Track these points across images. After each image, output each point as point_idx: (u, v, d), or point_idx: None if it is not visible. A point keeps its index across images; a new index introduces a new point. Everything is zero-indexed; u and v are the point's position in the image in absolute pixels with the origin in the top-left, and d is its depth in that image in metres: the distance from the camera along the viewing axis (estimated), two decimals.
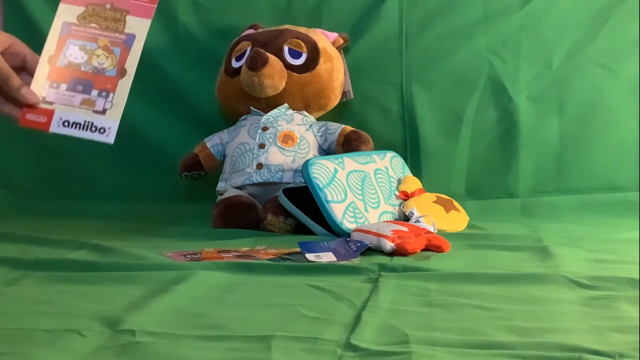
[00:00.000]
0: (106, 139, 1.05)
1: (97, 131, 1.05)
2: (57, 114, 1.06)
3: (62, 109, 1.06)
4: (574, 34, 2.15)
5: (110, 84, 1.06)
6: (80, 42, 1.08)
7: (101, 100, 1.06)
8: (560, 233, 1.79)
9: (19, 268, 1.35)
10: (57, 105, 1.06)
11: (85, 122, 1.05)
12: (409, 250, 1.50)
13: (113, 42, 1.08)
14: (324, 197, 1.73)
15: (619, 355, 0.88)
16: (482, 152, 2.16)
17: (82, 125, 1.05)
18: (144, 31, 1.09)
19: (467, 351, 0.91)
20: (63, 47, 1.08)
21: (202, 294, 1.19)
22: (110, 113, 1.05)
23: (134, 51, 1.08)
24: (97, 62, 1.07)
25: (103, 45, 1.07)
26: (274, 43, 2.02)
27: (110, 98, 1.06)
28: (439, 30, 2.17)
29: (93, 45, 1.08)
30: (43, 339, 0.94)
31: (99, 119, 1.05)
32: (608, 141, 2.15)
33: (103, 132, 1.05)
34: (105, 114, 1.05)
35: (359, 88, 2.14)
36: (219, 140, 2.05)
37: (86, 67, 1.07)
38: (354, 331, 0.98)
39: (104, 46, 1.07)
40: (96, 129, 1.05)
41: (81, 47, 1.08)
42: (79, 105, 1.06)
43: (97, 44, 1.07)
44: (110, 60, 1.07)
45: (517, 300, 1.16)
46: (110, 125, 1.05)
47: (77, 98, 1.06)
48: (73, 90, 1.06)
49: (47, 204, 2.18)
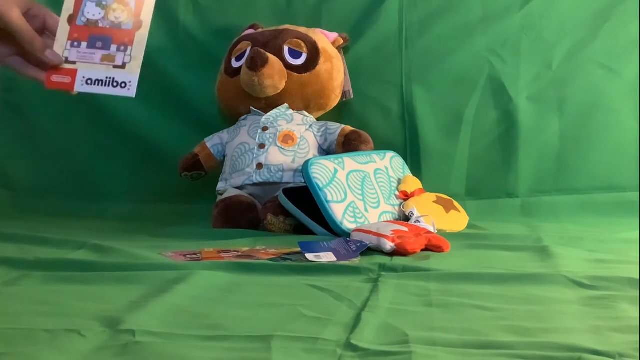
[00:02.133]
0: (128, 93, 1.07)
1: (119, 86, 1.07)
2: (80, 73, 1.07)
3: (84, 67, 1.07)
4: (574, 34, 2.15)
5: (128, 37, 1.08)
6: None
7: (120, 55, 1.07)
8: (560, 233, 1.79)
9: (19, 268, 1.35)
10: (79, 64, 1.08)
11: (107, 78, 1.07)
12: (409, 250, 1.50)
13: None
14: (324, 197, 1.73)
15: (619, 355, 0.88)
16: (482, 152, 2.15)
17: (104, 82, 1.07)
18: None
19: (467, 351, 0.91)
20: (81, 5, 1.09)
21: (202, 294, 1.19)
22: (130, 66, 1.07)
23: (149, 1, 1.08)
24: (114, 16, 1.08)
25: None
26: (274, 43, 2.02)
27: (129, 51, 1.07)
28: (439, 30, 2.17)
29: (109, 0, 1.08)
30: (43, 339, 0.94)
31: (119, 74, 1.07)
32: (608, 141, 2.15)
33: (124, 87, 1.07)
34: (125, 67, 1.07)
35: (359, 88, 2.14)
36: (219, 140, 2.05)
37: (104, 23, 1.08)
38: (354, 331, 0.98)
39: None
40: (117, 84, 1.06)
41: (97, 3, 1.09)
42: (100, 61, 1.07)
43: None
44: (126, 14, 1.08)
45: (517, 300, 1.16)
46: (130, 79, 1.07)
47: (97, 55, 1.07)
48: (93, 47, 1.08)
49: (47, 204, 2.18)
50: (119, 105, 2.20)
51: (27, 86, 2.24)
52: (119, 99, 2.17)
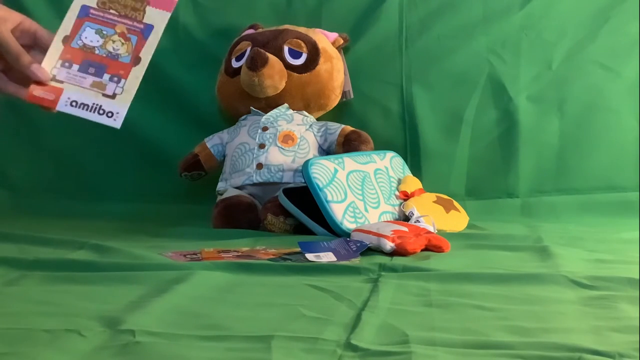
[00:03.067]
0: (113, 123, 1.05)
1: (105, 114, 1.05)
2: (66, 93, 1.05)
3: (71, 89, 1.05)
4: (574, 34, 2.15)
5: (124, 70, 1.06)
6: (97, 26, 1.07)
7: (112, 85, 1.06)
8: (560, 233, 1.79)
9: (19, 268, 1.35)
10: (66, 85, 1.06)
11: (93, 104, 1.05)
12: (409, 250, 1.50)
13: (130, 29, 1.07)
14: (324, 197, 1.73)
15: (619, 355, 0.88)
16: (482, 152, 2.15)
17: (90, 107, 1.05)
18: (163, 23, 1.08)
19: (467, 351, 0.91)
20: (79, 29, 1.07)
21: (202, 294, 1.19)
22: (120, 98, 1.05)
23: (151, 42, 1.07)
24: (113, 47, 1.07)
25: (120, 32, 1.07)
26: (274, 43, 2.02)
27: (122, 84, 1.06)
28: (439, 30, 2.17)
29: (110, 30, 1.08)
30: (43, 339, 0.94)
31: (108, 103, 1.05)
32: (608, 141, 2.15)
33: (111, 116, 1.05)
34: (115, 98, 1.05)
35: (359, 88, 2.14)
36: (219, 140, 2.05)
37: (100, 51, 1.07)
38: (354, 331, 0.98)
39: (121, 33, 1.07)
40: (104, 112, 1.05)
41: (97, 31, 1.07)
42: (89, 86, 1.05)
43: (114, 30, 1.07)
44: (125, 47, 1.07)
45: (517, 300, 1.16)
46: (119, 110, 1.05)
47: (88, 80, 1.06)
48: (85, 71, 1.06)
49: (47, 204, 2.18)
50: None
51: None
52: None
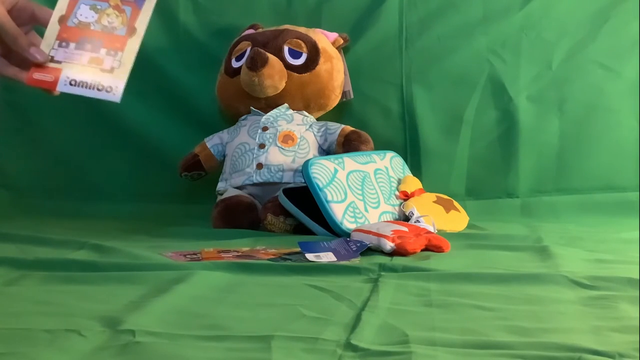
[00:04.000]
0: (113, 98, 1.04)
1: (104, 90, 1.04)
2: (65, 73, 1.05)
3: (69, 68, 1.05)
4: (574, 34, 2.15)
5: (120, 42, 1.06)
6: (91, 2, 1.07)
7: (109, 59, 1.05)
8: (560, 233, 1.79)
9: (19, 268, 1.35)
10: (65, 64, 1.05)
11: (92, 80, 1.05)
12: (409, 250, 1.50)
13: (124, 1, 1.07)
14: (324, 197, 1.73)
15: (619, 355, 0.88)
16: (482, 152, 2.16)
17: (88, 84, 1.05)
18: None
19: (467, 351, 0.91)
20: (74, 7, 1.07)
21: (202, 294, 1.19)
22: (118, 72, 1.04)
23: (145, 10, 1.07)
24: (107, 21, 1.06)
25: (114, 5, 1.07)
26: (274, 43, 2.02)
27: (119, 57, 1.05)
28: (439, 30, 2.17)
29: (104, 4, 1.07)
30: (43, 339, 0.94)
31: (106, 78, 1.04)
32: (608, 141, 2.15)
33: (110, 91, 1.04)
34: (113, 72, 1.04)
35: (359, 88, 2.14)
36: (219, 140, 2.05)
37: (96, 26, 1.06)
38: (354, 331, 0.98)
39: (115, 5, 1.07)
40: (103, 87, 1.04)
41: (92, 7, 1.07)
42: (87, 63, 1.05)
43: (108, 3, 1.07)
44: (120, 20, 1.07)
45: (517, 300, 1.16)
46: (117, 84, 1.04)
47: (85, 56, 1.05)
48: (82, 49, 1.06)
49: (47, 204, 2.18)
50: (119, 106, 2.19)
51: (28, 86, 2.23)
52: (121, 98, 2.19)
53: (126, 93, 2.42)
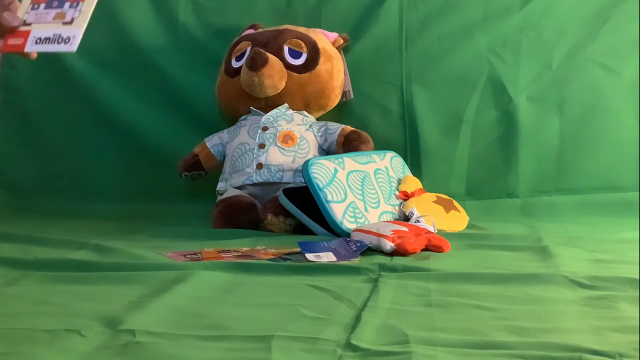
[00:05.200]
0: (69, 48, 1.04)
1: (63, 42, 1.04)
2: (33, 33, 1.06)
3: (37, 28, 1.06)
4: (574, 34, 2.15)
5: None
6: None
7: (71, 11, 1.05)
8: (560, 233, 1.79)
9: (19, 268, 1.35)
10: (34, 25, 1.06)
11: (54, 35, 1.05)
12: (409, 250, 1.50)
13: None
14: (324, 197, 1.73)
15: (619, 355, 0.88)
16: (482, 152, 2.15)
17: (51, 39, 1.05)
18: None
19: (467, 351, 0.91)
20: None
21: (202, 294, 1.19)
22: (77, 21, 1.04)
23: None
24: None
25: None
26: (274, 43, 2.02)
27: (79, 7, 1.05)
28: (439, 30, 2.17)
29: None
30: (43, 339, 0.94)
31: (65, 30, 1.04)
32: (608, 141, 2.15)
33: (68, 42, 1.04)
34: (72, 23, 1.04)
35: (359, 88, 2.14)
36: (219, 140, 2.05)
37: None
38: (354, 331, 0.98)
39: None
40: (62, 39, 1.04)
41: None
42: (52, 19, 1.06)
43: None
44: None
45: (517, 300, 1.16)
46: (74, 33, 1.04)
47: (51, 14, 1.06)
48: (49, 7, 1.07)
49: (47, 204, 2.18)
50: (119, 105, 2.20)
51: (27, 86, 2.24)
52: (120, 97, 2.19)
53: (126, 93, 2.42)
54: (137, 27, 2.20)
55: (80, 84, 2.19)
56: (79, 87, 2.18)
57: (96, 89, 2.20)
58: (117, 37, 2.20)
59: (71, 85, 2.19)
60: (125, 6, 2.21)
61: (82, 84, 2.19)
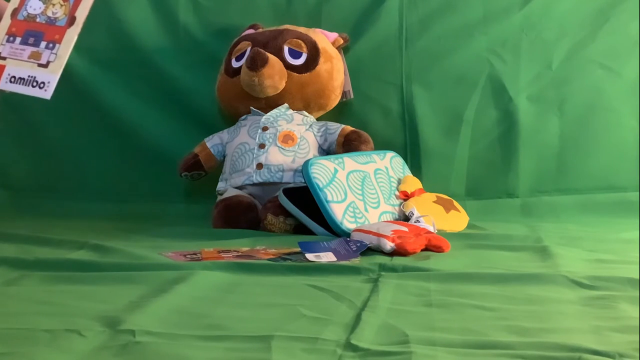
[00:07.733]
0: (44, 94, 1.03)
1: (37, 86, 1.03)
2: (7, 70, 1.05)
3: (12, 64, 1.05)
4: (574, 34, 2.15)
5: (59, 34, 1.05)
6: None
7: (47, 53, 1.05)
8: (560, 233, 1.79)
9: (19, 268, 1.35)
10: (8, 60, 1.06)
11: (29, 76, 1.04)
12: (409, 250, 1.50)
13: None
14: (324, 197, 1.73)
15: (619, 355, 0.88)
16: (482, 152, 2.16)
17: (25, 81, 1.04)
18: None
19: (467, 351, 0.91)
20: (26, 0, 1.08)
21: (202, 294, 1.19)
22: (53, 66, 1.04)
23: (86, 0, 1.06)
24: (52, 11, 1.06)
25: None
26: (274, 43, 2.02)
27: (56, 49, 1.04)
28: (439, 30, 2.17)
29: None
30: (43, 339, 0.94)
31: (40, 73, 1.04)
32: (608, 141, 2.15)
33: (42, 87, 1.03)
34: (48, 67, 1.04)
35: (359, 88, 2.14)
36: (219, 140, 2.05)
37: (41, 18, 1.06)
38: (354, 331, 0.98)
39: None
40: (37, 84, 1.03)
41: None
42: (27, 58, 1.05)
43: None
44: (63, 9, 1.06)
45: (517, 300, 1.16)
46: (49, 79, 1.03)
47: (27, 51, 1.05)
48: (25, 43, 1.06)
49: (47, 204, 2.18)
50: (119, 106, 2.20)
51: None
52: (120, 97, 2.19)
53: (126, 93, 2.42)
54: (137, 27, 2.20)
55: (80, 84, 2.18)
56: (78, 87, 2.18)
57: (96, 88, 2.20)
58: (117, 37, 2.20)
59: (71, 85, 2.19)
60: (125, 6, 2.21)
61: (82, 84, 2.18)
